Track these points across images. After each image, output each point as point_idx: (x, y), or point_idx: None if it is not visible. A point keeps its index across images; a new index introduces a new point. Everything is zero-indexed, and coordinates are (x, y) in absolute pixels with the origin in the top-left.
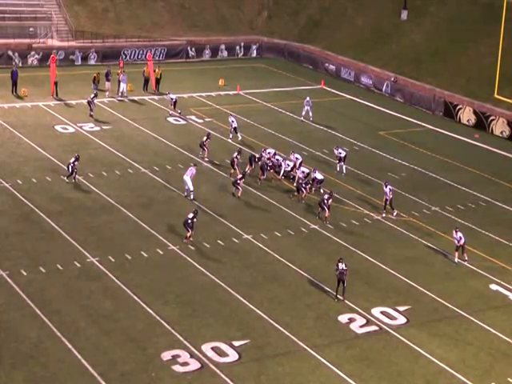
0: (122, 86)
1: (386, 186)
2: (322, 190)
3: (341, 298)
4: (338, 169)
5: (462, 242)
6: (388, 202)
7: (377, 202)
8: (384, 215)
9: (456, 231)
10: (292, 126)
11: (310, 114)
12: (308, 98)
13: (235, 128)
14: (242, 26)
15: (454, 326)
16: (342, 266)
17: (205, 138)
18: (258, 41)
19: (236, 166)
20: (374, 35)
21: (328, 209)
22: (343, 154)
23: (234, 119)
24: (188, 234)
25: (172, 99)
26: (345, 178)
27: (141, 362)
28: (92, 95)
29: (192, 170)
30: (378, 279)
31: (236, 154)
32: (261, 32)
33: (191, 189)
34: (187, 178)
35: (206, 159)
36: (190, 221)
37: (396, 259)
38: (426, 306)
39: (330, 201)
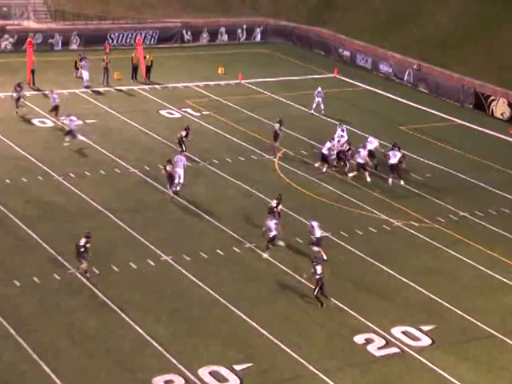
0: (85, 74)
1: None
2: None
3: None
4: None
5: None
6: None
7: (397, 206)
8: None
9: (311, 222)
10: (301, 120)
11: (322, 106)
12: (319, 89)
13: (70, 131)
14: (245, 6)
15: (486, 348)
16: (319, 269)
17: (184, 133)
18: (262, 23)
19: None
20: (394, 17)
21: (279, 216)
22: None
23: (73, 119)
24: (82, 266)
25: (53, 102)
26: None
27: None
28: (17, 88)
29: (182, 160)
30: (399, 294)
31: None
32: (266, 13)
33: (181, 181)
34: (181, 171)
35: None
36: (82, 248)
37: (419, 271)
38: (453, 325)
39: (280, 207)
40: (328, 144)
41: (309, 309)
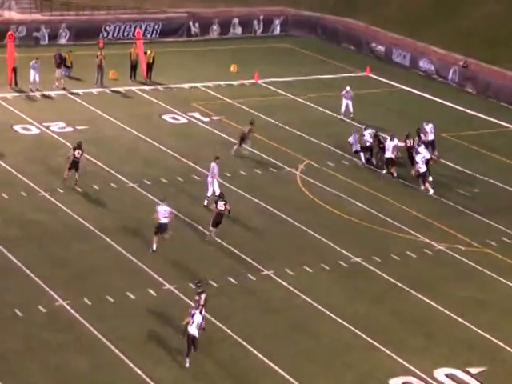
0: (33, 74)
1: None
2: None
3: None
4: (364, 161)
5: None
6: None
7: (440, 226)
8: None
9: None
10: (327, 125)
11: (351, 109)
12: (348, 88)
13: None
14: None
15: None
16: (203, 298)
17: (247, 129)
18: (282, 13)
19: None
20: (436, 5)
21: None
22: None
23: None
24: None
25: None
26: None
27: None
28: None
29: (215, 168)
30: (442, 330)
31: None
32: (286, 2)
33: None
34: (212, 179)
35: (248, 148)
36: None
37: (466, 303)
38: (507, 367)
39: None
40: (391, 143)
41: (337, 347)
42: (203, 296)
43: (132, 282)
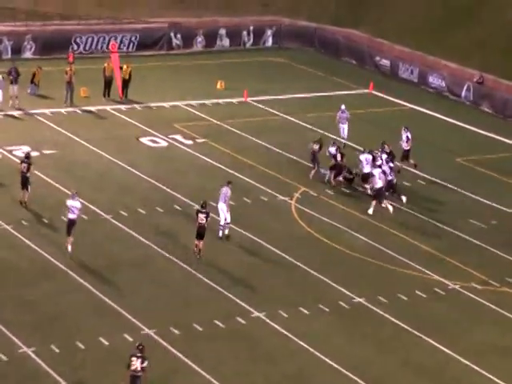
0: None
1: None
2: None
3: None
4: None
5: None
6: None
7: (454, 263)
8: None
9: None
10: (325, 149)
11: (346, 130)
12: (343, 107)
13: None
14: (252, 1)
15: None
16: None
17: (316, 147)
18: (275, 23)
19: None
20: (448, 14)
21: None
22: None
23: None
24: None
25: None
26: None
27: None
28: None
29: (227, 193)
30: (457, 380)
31: None
32: (279, 10)
33: (228, 220)
34: (223, 205)
35: (324, 171)
36: None
37: (484, 350)
38: None
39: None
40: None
41: None
42: (144, 363)
43: (106, 325)
